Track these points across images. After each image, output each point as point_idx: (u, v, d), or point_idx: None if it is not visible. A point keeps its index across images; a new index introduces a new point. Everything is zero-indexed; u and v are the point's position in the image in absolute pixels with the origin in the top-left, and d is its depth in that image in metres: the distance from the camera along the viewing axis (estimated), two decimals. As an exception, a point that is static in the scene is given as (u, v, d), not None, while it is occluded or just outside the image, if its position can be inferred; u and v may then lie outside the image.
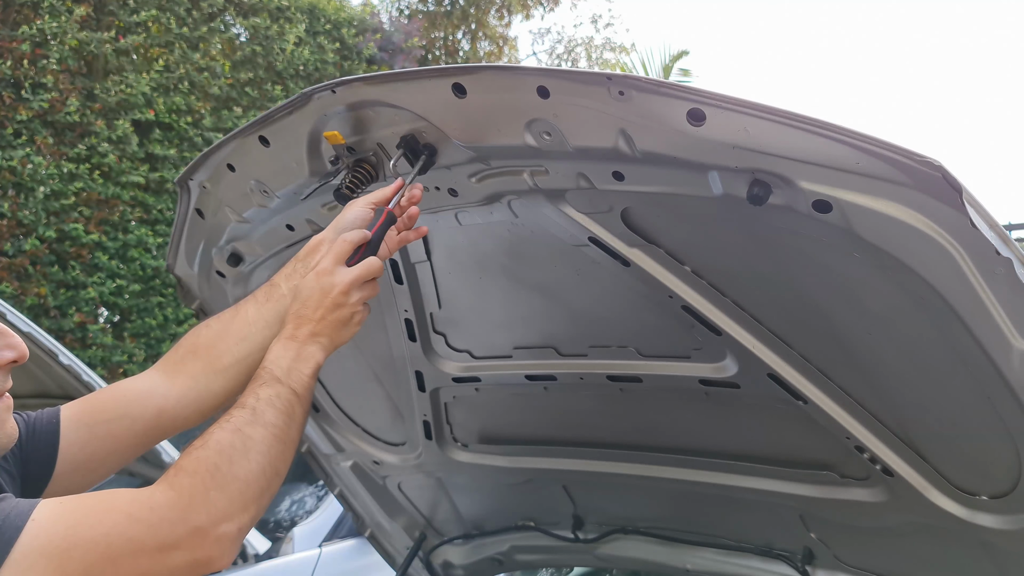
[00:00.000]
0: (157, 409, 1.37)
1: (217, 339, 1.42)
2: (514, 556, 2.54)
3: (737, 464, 1.88)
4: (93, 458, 1.32)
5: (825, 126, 1.09)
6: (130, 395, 1.38)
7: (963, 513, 1.57)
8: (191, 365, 1.41)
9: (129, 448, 1.36)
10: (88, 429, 1.31)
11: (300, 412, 1.23)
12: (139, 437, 1.36)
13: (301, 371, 1.25)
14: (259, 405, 1.18)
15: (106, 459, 1.34)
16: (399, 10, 12.55)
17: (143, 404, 1.36)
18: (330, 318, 1.30)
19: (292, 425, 1.21)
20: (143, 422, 1.36)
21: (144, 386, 1.39)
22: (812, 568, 2.04)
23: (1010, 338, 1.19)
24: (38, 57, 7.27)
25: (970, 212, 1.06)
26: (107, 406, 1.35)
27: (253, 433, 1.14)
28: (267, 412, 1.17)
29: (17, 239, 7.05)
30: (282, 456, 1.17)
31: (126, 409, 1.35)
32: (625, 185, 1.32)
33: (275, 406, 1.18)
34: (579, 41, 14.43)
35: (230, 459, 1.10)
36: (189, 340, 1.45)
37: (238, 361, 1.41)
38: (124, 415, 1.35)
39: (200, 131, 8.26)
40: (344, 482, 2.45)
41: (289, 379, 1.23)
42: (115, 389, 1.39)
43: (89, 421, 1.32)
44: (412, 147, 1.42)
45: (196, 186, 1.73)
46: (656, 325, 1.64)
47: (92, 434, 1.31)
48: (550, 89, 1.22)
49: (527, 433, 2.13)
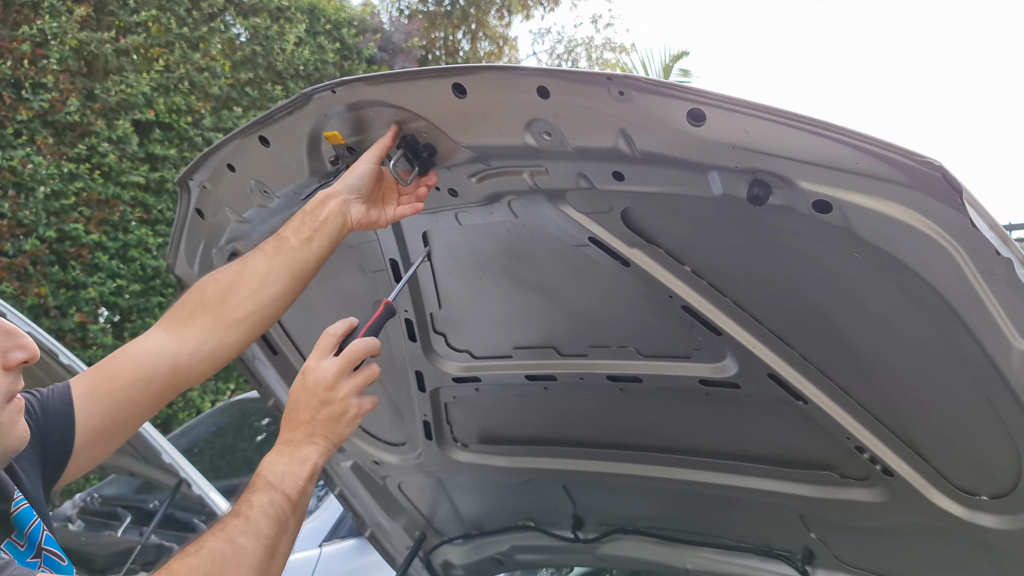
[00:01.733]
0: (171, 367, 1.35)
1: (227, 292, 1.40)
2: (514, 556, 2.54)
3: (737, 464, 1.88)
4: (112, 426, 1.31)
5: (825, 126, 1.09)
6: (141, 357, 1.35)
7: (963, 513, 1.57)
8: (201, 319, 1.39)
9: (148, 409, 1.36)
10: (104, 400, 1.29)
11: (294, 520, 1.21)
12: (156, 396, 1.35)
13: (296, 475, 1.21)
14: (252, 513, 1.15)
15: (126, 423, 1.33)
16: (399, 10, 12.54)
17: (156, 363, 1.35)
18: (320, 417, 1.25)
19: (284, 535, 1.18)
20: (158, 381, 1.34)
21: (154, 345, 1.37)
22: (812, 568, 2.04)
23: (1010, 338, 1.19)
24: (38, 57, 7.27)
25: (970, 212, 1.06)
26: (120, 372, 1.33)
27: (246, 544, 1.12)
28: (260, 521, 1.15)
29: (17, 239, 7.05)
30: (271, 567, 1.15)
31: (139, 372, 1.33)
32: (625, 185, 1.32)
33: (268, 514, 1.16)
34: (579, 41, 14.42)
35: (222, 570, 1.08)
36: (195, 295, 1.42)
37: (251, 314, 1.40)
38: (139, 378, 1.33)
39: (200, 131, 8.25)
40: (344, 482, 2.45)
41: (283, 485, 1.20)
42: (124, 353, 1.37)
43: (104, 392, 1.30)
44: (412, 147, 1.42)
45: (196, 186, 1.73)
46: (656, 325, 1.64)
47: (109, 404, 1.30)
48: (550, 89, 1.21)
49: (527, 433, 2.13)
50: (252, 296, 1.40)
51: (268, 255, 1.41)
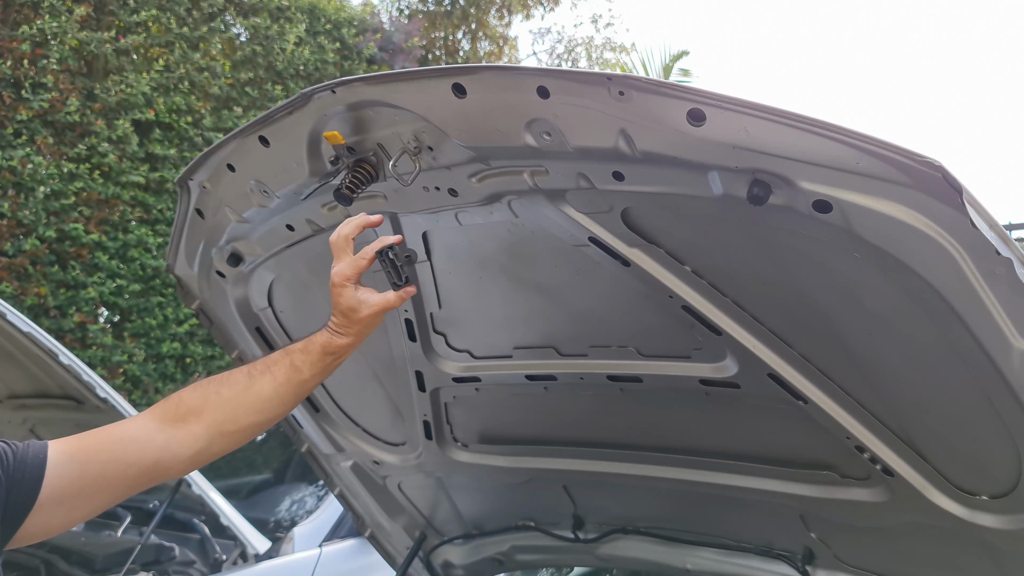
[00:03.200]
0: (154, 460, 1.37)
1: (227, 406, 1.42)
2: (514, 556, 2.54)
3: (737, 464, 1.88)
4: (80, 494, 1.30)
5: (825, 126, 1.09)
6: (127, 440, 1.37)
7: (963, 513, 1.57)
8: (194, 426, 1.41)
9: (118, 492, 1.36)
10: (80, 465, 1.30)
11: None
12: (130, 482, 1.37)
13: None
14: None
15: (93, 497, 1.33)
16: (399, 10, 12.54)
17: (140, 452, 1.37)
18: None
19: None
20: (138, 468, 1.36)
21: (142, 434, 1.38)
22: (812, 568, 2.04)
23: (1010, 338, 1.19)
24: (38, 57, 7.26)
25: (970, 212, 1.06)
26: (105, 447, 1.35)
27: None
28: None
29: (17, 239, 7.05)
30: None
31: (123, 454, 1.35)
32: (625, 185, 1.32)
33: None
34: (579, 41, 14.41)
35: None
36: (194, 398, 1.43)
37: (244, 429, 1.44)
38: (120, 459, 1.35)
39: (200, 131, 8.25)
40: (344, 482, 2.45)
41: None
42: (112, 431, 1.39)
43: (82, 458, 1.31)
44: (392, 262, 1.45)
45: (196, 186, 1.73)
46: (656, 325, 1.64)
47: (83, 471, 1.30)
48: (550, 89, 1.21)
49: (527, 433, 2.13)
50: (251, 416, 1.44)
51: (278, 382, 1.44)
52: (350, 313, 1.44)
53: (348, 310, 1.44)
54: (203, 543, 3.72)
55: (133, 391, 7.59)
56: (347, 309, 1.44)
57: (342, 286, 1.43)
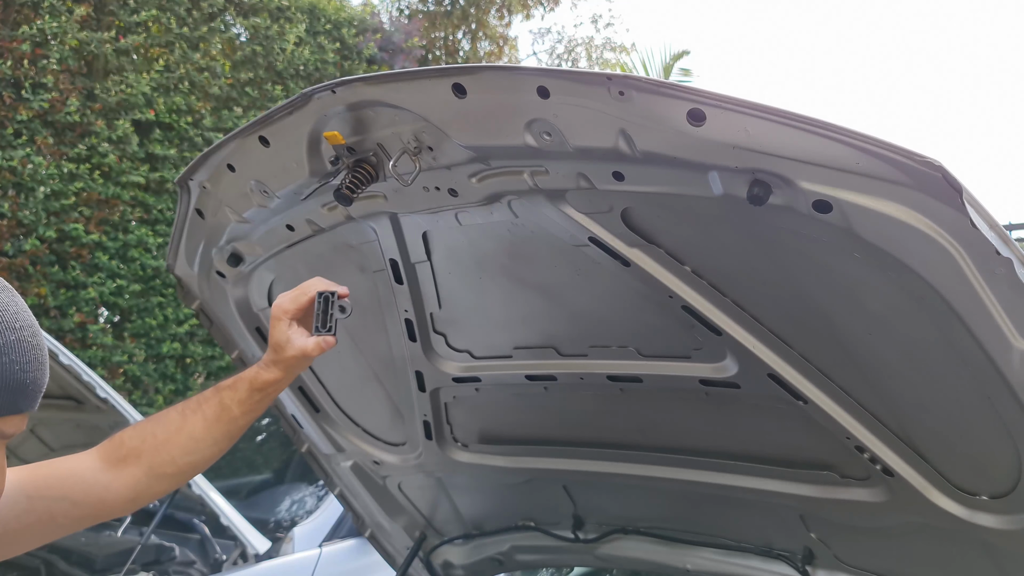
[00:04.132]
0: (98, 499, 1.39)
1: (162, 447, 1.44)
2: (514, 556, 2.54)
3: (737, 464, 1.88)
4: (24, 529, 1.30)
5: (825, 126, 1.09)
6: (76, 477, 1.38)
7: (963, 513, 1.57)
8: (133, 468, 1.42)
9: (61, 529, 1.37)
10: (28, 500, 1.30)
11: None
12: (75, 522, 1.38)
13: None
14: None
15: (36, 533, 1.33)
16: (399, 10, 12.54)
17: (86, 492, 1.38)
18: None
19: None
20: (83, 508, 1.37)
21: (88, 474, 1.39)
22: (812, 568, 2.04)
23: (1010, 338, 1.19)
24: (38, 57, 7.26)
25: (970, 212, 1.06)
26: (51, 483, 1.35)
27: None
28: None
29: (17, 239, 7.05)
30: None
31: (71, 492, 1.36)
32: (625, 185, 1.32)
33: None
34: (579, 41, 14.42)
35: None
36: (133, 439, 1.45)
37: (180, 471, 1.46)
38: (67, 497, 1.35)
39: (200, 131, 8.26)
40: (344, 482, 2.45)
41: None
42: (60, 468, 1.39)
43: (31, 492, 1.31)
44: (326, 310, 1.45)
45: (196, 186, 1.73)
46: (656, 325, 1.64)
47: (31, 506, 1.30)
48: (550, 89, 1.21)
49: (527, 433, 2.13)
50: (184, 456, 1.45)
51: (208, 420, 1.45)
52: (278, 348, 1.44)
53: (277, 344, 1.44)
54: (203, 543, 3.72)
55: (133, 391, 7.60)
56: (276, 344, 1.44)
57: (278, 319, 1.44)
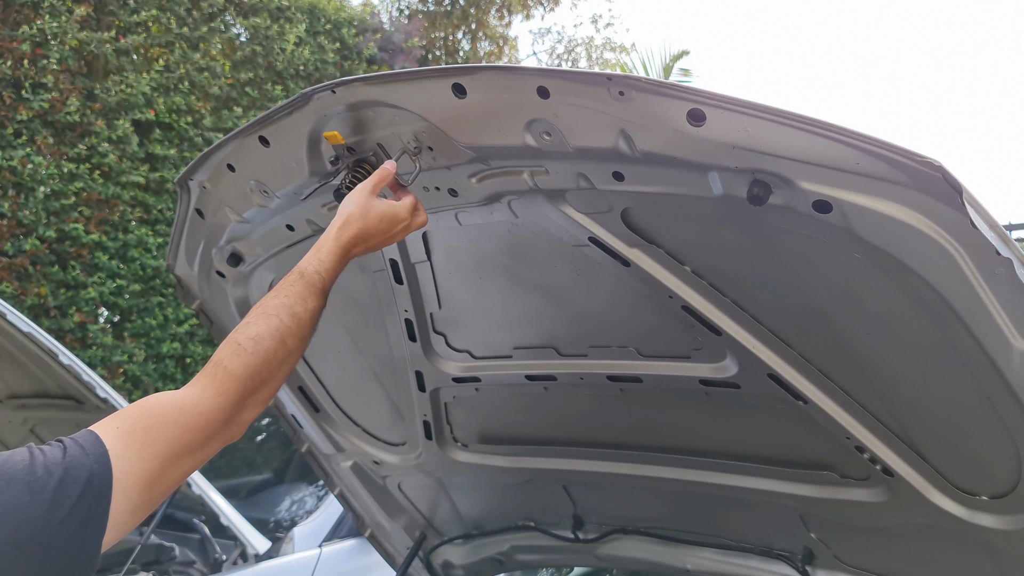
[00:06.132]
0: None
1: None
2: (514, 556, 2.54)
3: (737, 464, 1.88)
4: None
5: (825, 126, 1.09)
6: None
7: (963, 513, 1.57)
8: None
9: None
10: None
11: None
12: None
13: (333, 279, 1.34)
14: (304, 316, 1.26)
15: None
16: (399, 10, 12.54)
17: None
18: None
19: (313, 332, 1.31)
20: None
21: None
22: (812, 568, 2.04)
23: (1010, 338, 1.19)
24: (38, 57, 7.26)
25: (970, 212, 1.06)
26: None
27: (292, 346, 1.24)
28: (308, 328, 1.27)
29: (17, 239, 7.05)
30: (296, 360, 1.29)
31: None
32: (625, 185, 1.32)
33: (315, 320, 1.29)
34: (579, 41, 14.41)
35: (271, 371, 1.20)
36: None
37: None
38: None
39: (200, 131, 8.25)
40: (344, 482, 2.45)
41: (326, 289, 1.32)
42: None
43: None
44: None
45: (196, 186, 1.73)
46: (656, 325, 1.64)
47: None
48: (550, 89, 1.22)
49: (527, 433, 2.13)
50: None
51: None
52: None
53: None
54: (203, 543, 3.72)
55: (133, 391, 7.59)
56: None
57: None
